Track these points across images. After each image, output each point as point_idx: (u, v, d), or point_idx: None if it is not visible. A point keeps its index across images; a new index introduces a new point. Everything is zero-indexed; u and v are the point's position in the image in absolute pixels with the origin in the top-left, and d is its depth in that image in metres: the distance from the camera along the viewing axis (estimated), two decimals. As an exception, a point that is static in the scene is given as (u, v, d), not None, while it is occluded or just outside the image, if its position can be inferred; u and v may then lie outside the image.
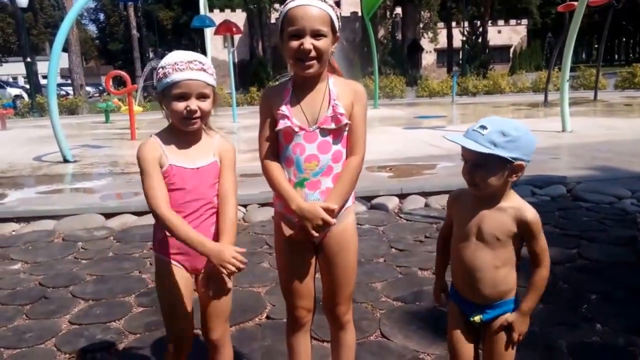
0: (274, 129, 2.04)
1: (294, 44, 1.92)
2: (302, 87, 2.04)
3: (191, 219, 2.01)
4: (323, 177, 2.03)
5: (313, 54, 1.92)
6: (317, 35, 1.92)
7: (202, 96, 1.98)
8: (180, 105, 1.95)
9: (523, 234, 1.83)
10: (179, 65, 1.94)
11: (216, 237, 2.05)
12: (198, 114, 1.97)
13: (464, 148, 1.80)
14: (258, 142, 2.08)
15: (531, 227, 1.81)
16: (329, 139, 2.02)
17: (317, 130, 2.00)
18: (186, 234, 1.92)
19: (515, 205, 1.84)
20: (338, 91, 2.03)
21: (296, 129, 2.00)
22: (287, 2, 1.96)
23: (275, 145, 2.08)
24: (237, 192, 2.18)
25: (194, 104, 1.96)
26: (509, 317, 1.88)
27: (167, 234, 2.01)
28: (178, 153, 2.03)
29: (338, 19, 1.99)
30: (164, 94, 1.99)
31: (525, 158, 1.78)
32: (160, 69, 1.98)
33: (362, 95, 2.06)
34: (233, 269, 1.89)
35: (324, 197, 2.02)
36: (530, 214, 1.81)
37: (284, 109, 2.01)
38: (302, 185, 2.03)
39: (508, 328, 1.91)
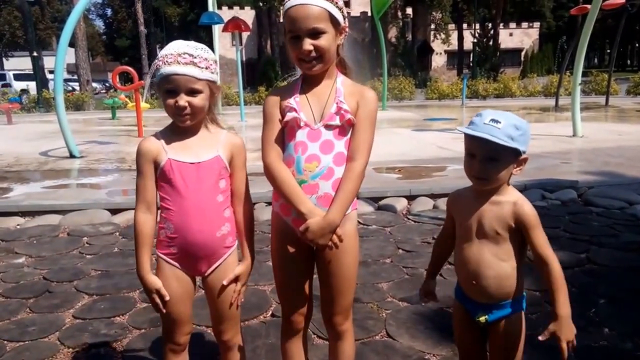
0: (281, 129, 1.98)
1: (295, 45, 1.90)
2: (311, 83, 2.00)
3: (193, 218, 1.93)
4: (322, 181, 1.92)
5: (313, 54, 1.88)
6: (315, 33, 1.86)
7: (192, 91, 1.88)
8: (170, 101, 1.89)
9: (521, 228, 1.80)
10: (168, 58, 1.86)
11: (222, 240, 2.02)
12: (188, 110, 1.89)
13: (474, 142, 1.77)
14: (262, 143, 1.99)
15: (528, 219, 1.79)
16: (333, 137, 1.94)
17: (322, 128, 1.94)
18: (139, 250, 1.95)
19: (512, 199, 1.83)
20: (345, 91, 1.97)
21: (301, 124, 1.94)
22: (285, 0, 1.92)
23: (282, 146, 1.99)
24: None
25: (182, 100, 1.87)
26: (550, 327, 1.74)
27: (168, 235, 1.97)
28: (178, 147, 1.95)
29: (340, 9, 1.91)
30: (159, 88, 1.93)
31: (526, 150, 1.80)
32: (156, 60, 1.91)
33: (370, 100, 1.97)
34: None
35: (320, 202, 1.92)
36: (526, 207, 1.80)
37: (292, 102, 1.96)
38: None
39: (513, 330, 1.88)
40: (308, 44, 1.86)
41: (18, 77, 35.84)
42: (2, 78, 36.74)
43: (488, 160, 1.77)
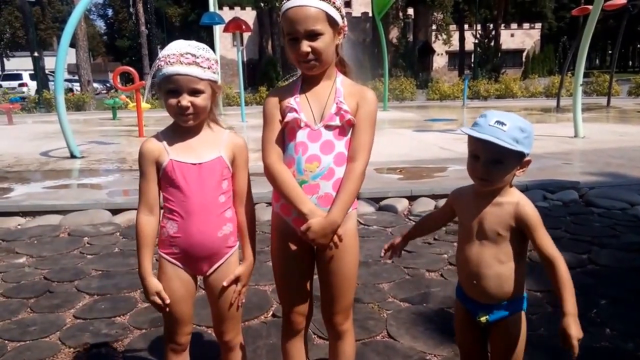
0: (281, 129, 1.98)
1: (293, 47, 1.89)
2: (310, 83, 2.00)
3: (195, 218, 1.92)
4: (322, 181, 1.93)
5: (311, 56, 1.88)
6: (312, 35, 1.86)
7: (194, 92, 1.87)
8: (173, 101, 1.88)
9: (522, 228, 1.79)
10: (170, 58, 1.85)
11: (223, 241, 2.00)
12: (190, 110, 1.88)
13: (479, 143, 1.76)
14: (262, 144, 2.00)
15: (530, 220, 1.78)
16: (333, 138, 1.94)
17: (322, 128, 1.94)
18: (141, 251, 1.95)
19: (514, 199, 1.82)
20: (345, 91, 1.97)
21: (302, 124, 1.94)
22: (283, 1, 1.91)
23: (282, 147, 1.99)
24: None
25: (185, 100, 1.86)
26: (561, 326, 1.69)
27: (170, 234, 1.96)
28: (180, 148, 1.94)
29: (338, 9, 1.90)
30: (160, 88, 1.92)
31: (530, 152, 1.79)
32: (157, 61, 1.90)
33: (369, 100, 1.97)
34: None
35: (321, 202, 1.93)
36: (528, 207, 1.79)
37: (293, 103, 1.95)
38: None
39: (514, 330, 1.88)
40: (305, 46, 1.86)
41: (34, 77, 35.88)
42: (18, 77, 36.70)
43: (492, 162, 1.75)
